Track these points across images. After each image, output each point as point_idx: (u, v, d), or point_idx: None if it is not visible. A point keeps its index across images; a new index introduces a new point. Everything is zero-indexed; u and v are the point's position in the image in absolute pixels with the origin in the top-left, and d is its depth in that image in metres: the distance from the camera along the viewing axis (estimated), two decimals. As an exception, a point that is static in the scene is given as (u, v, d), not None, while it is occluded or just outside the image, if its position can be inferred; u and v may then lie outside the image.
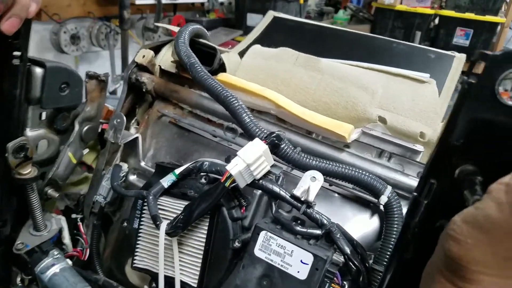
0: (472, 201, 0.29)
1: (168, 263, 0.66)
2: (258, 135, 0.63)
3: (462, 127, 0.33)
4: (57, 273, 0.64)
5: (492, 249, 0.27)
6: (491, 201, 0.27)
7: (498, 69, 0.31)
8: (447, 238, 0.29)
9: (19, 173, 0.67)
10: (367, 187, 0.63)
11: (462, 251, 0.28)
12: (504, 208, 0.26)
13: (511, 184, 0.26)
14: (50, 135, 0.73)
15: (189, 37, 0.80)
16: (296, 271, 0.57)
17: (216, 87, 0.68)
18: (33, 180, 0.69)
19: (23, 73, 0.61)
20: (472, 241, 0.27)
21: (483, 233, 0.27)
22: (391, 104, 0.74)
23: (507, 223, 0.26)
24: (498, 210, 0.26)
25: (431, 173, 0.36)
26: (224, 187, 0.60)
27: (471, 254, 0.27)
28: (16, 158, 0.64)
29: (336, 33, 1.08)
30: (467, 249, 0.27)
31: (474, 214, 0.28)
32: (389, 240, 0.59)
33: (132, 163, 0.84)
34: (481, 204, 0.27)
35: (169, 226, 0.63)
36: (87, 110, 0.76)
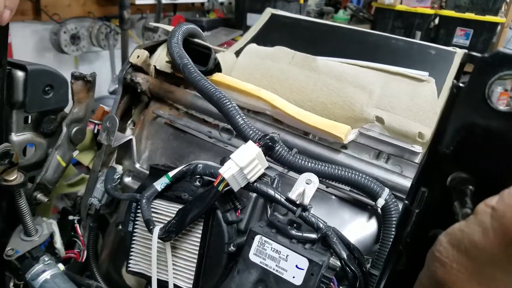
0: (461, 215, 0.28)
1: (162, 267, 0.65)
2: (251, 137, 0.62)
3: (451, 134, 0.31)
4: (48, 280, 0.63)
5: (477, 276, 0.26)
6: (477, 225, 0.26)
7: (489, 72, 0.28)
8: (433, 260, 0.28)
9: (4, 179, 0.65)
10: (364, 190, 0.61)
11: (448, 276, 0.27)
12: (489, 234, 0.25)
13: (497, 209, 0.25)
14: (37, 139, 0.72)
15: (182, 37, 0.79)
16: (291, 276, 0.55)
17: (209, 88, 0.67)
18: (19, 186, 0.68)
19: (3, 78, 0.60)
20: (457, 266, 0.27)
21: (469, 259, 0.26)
22: (388, 103, 0.72)
23: (491, 250, 0.25)
24: (483, 236, 0.25)
25: (422, 181, 0.34)
26: (217, 191, 0.59)
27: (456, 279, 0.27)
28: (0, 165, 0.63)
29: (334, 29, 1.07)
30: (452, 274, 0.27)
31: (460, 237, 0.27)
32: (386, 244, 0.58)
33: (127, 165, 0.83)
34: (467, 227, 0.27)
35: (162, 230, 0.62)
36: (74, 112, 0.75)
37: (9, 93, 0.63)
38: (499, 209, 0.25)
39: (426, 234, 0.34)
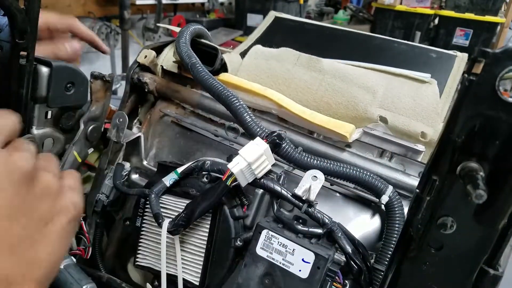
0: (475, 195, 0.29)
1: (170, 261, 0.67)
2: (259, 134, 0.64)
3: (462, 124, 0.34)
4: (61, 270, 0.64)
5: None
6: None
7: (498, 66, 0.31)
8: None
9: None
10: (368, 187, 0.63)
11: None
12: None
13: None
14: (56, 134, 0.73)
15: (190, 37, 0.80)
16: (297, 269, 0.57)
17: (217, 86, 0.69)
18: None
19: (30, 73, 0.61)
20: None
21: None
22: (392, 104, 0.74)
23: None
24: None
25: (433, 170, 0.36)
26: (225, 186, 0.61)
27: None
28: None
29: (338, 33, 1.09)
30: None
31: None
32: (390, 239, 0.60)
33: (134, 162, 0.85)
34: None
35: (171, 224, 0.63)
36: (92, 110, 0.77)
37: (33, 87, 0.65)
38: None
39: (436, 221, 0.36)
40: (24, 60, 0.59)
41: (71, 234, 0.51)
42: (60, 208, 0.49)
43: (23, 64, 0.59)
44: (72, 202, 0.50)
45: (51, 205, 0.48)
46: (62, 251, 0.49)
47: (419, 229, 0.38)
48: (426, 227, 0.37)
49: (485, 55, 0.31)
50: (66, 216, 0.49)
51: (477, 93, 0.32)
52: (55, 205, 0.48)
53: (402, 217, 0.60)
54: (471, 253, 0.37)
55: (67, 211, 0.49)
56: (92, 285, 0.65)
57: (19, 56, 0.59)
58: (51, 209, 0.48)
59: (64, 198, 0.50)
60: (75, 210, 0.50)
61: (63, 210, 0.49)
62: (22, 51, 0.59)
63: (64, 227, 0.48)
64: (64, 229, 0.48)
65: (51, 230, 0.47)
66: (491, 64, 0.31)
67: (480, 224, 0.36)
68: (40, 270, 0.45)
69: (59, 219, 0.48)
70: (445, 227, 0.36)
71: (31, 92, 0.64)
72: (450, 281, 0.39)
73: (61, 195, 0.50)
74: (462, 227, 0.36)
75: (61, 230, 0.48)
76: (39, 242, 0.45)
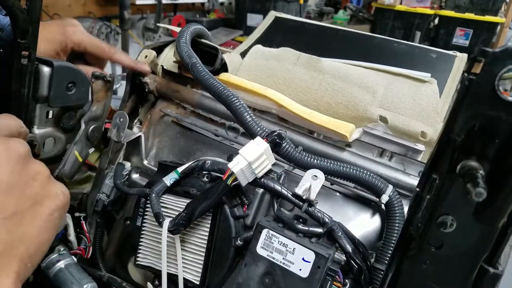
0: (475, 193, 0.30)
1: (171, 260, 0.67)
2: (259, 134, 0.64)
3: (462, 123, 0.34)
4: (62, 269, 0.64)
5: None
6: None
7: (498, 66, 0.31)
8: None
9: None
10: (368, 186, 0.63)
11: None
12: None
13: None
14: (57, 133, 0.73)
15: (190, 37, 0.80)
16: (298, 269, 0.57)
17: (217, 86, 0.69)
18: None
19: (31, 72, 0.61)
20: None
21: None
22: (392, 103, 0.74)
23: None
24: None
25: (433, 168, 0.36)
26: (226, 185, 0.61)
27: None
28: None
29: (338, 33, 1.09)
30: None
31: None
32: (390, 238, 0.60)
33: (135, 161, 0.85)
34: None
35: (171, 223, 0.63)
36: (93, 110, 0.77)
37: (34, 87, 0.65)
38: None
39: (436, 219, 0.36)
40: (25, 60, 0.59)
41: (58, 221, 0.53)
42: (50, 193, 0.52)
43: (24, 64, 0.60)
44: (62, 191, 0.54)
45: (41, 188, 0.51)
46: (48, 237, 0.51)
47: (419, 228, 0.38)
48: (426, 225, 0.38)
49: (485, 55, 0.31)
50: (54, 202, 0.52)
51: (477, 93, 0.33)
52: (45, 190, 0.51)
53: (402, 216, 0.61)
54: (471, 251, 0.37)
55: (56, 197, 0.52)
56: (93, 285, 0.65)
57: (20, 56, 0.59)
58: (41, 191, 0.51)
59: (54, 186, 0.53)
60: (64, 198, 0.53)
61: (52, 195, 0.52)
62: (24, 51, 0.59)
63: (52, 212, 0.51)
64: (52, 214, 0.51)
65: (40, 211, 0.50)
66: (490, 64, 0.32)
67: (480, 222, 0.36)
68: (25, 248, 0.47)
69: (48, 203, 0.51)
70: (445, 226, 0.36)
71: (32, 91, 0.64)
72: (450, 279, 0.40)
73: (51, 182, 0.53)
74: (462, 226, 0.36)
75: (49, 213, 0.51)
76: (28, 220, 0.48)
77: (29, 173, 0.50)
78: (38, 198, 0.50)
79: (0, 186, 0.46)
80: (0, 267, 0.44)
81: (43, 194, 0.51)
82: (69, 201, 0.55)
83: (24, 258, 0.47)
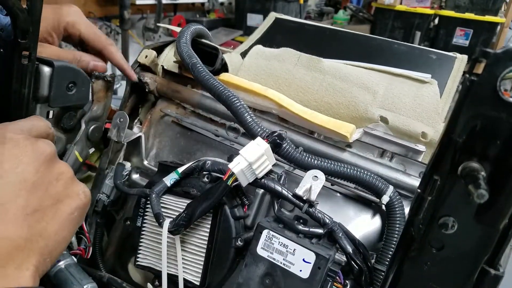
0: (476, 195, 0.29)
1: (171, 261, 0.67)
2: (260, 134, 0.64)
3: (464, 124, 0.34)
4: (62, 269, 0.64)
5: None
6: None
7: (499, 67, 0.31)
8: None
9: None
10: (369, 187, 0.63)
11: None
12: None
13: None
14: (57, 134, 0.74)
15: (191, 37, 0.80)
16: (298, 269, 0.57)
17: (217, 86, 0.69)
18: None
19: (31, 72, 0.61)
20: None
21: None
22: (392, 104, 0.74)
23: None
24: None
25: (434, 170, 0.36)
26: (226, 185, 0.61)
27: None
28: None
29: (338, 34, 1.09)
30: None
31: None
32: (391, 239, 0.60)
33: (135, 162, 0.85)
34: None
35: (171, 224, 0.63)
36: (93, 110, 0.77)
37: (35, 87, 0.65)
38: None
39: (437, 221, 0.36)
40: (26, 60, 0.59)
41: (78, 220, 0.55)
42: (72, 192, 0.54)
43: (25, 64, 0.60)
44: (83, 191, 0.55)
45: (64, 188, 0.53)
46: (67, 235, 0.53)
47: (420, 229, 0.38)
48: (427, 227, 0.38)
49: (486, 56, 0.31)
50: (75, 202, 0.53)
51: (478, 93, 0.33)
52: (68, 189, 0.53)
53: (403, 217, 0.61)
54: (472, 253, 0.37)
55: (78, 197, 0.54)
56: (93, 285, 0.65)
57: (21, 56, 0.59)
58: (64, 191, 0.53)
59: (76, 186, 0.55)
60: (85, 198, 0.55)
61: (74, 195, 0.54)
62: (24, 51, 0.59)
63: (72, 211, 0.53)
64: (72, 213, 0.53)
65: (61, 209, 0.52)
66: (492, 65, 0.32)
67: (481, 224, 0.36)
68: (44, 244, 0.49)
69: (69, 202, 0.53)
70: (446, 227, 0.36)
71: (32, 91, 0.64)
72: (451, 281, 0.39)
73: (74, 182, 0.55)
74: (463, 227, 0.36)
75: (70, 212, 0.52)
76: (50, 217, 0.50)
77: (53, 173, 0.52)
78: (60, 197, 0.52)
79: (25, 184, 0.48)
80: (20, 261, 0.45)
81: (65, 193, 0.53)
82: (89, 202, 0.56)
83: (43, 253, 0.48)
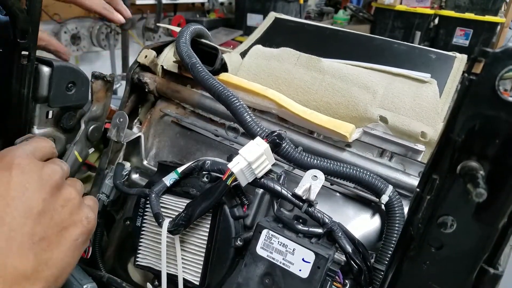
0: (475, 194, 0.29)
1: (170, 261, 0.67)
2: (259, 134, 0.64)
3: (463, 124, 0.34)
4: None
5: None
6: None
7: (498, 66, 0.31)
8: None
9: None
10: (368, 186, 0.63)
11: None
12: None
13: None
14: (57, 134, 0.74)
15: (190, 37, 0.80)
16: (298, 269, 0.57)
17: (217, 86, 0.69)
18: None
19: (31, 72, 0.62)
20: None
21: None
22: (392, 103, 0.74)
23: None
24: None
25: (433, 169, 0.36)
26: (225, 185, 0.61)
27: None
28: None
29: (337, 34, 1.09)
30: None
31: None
32: (390, 239, 0.60)
33: (134, 162, 0.85)
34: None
35: (171, 224, 0.63)
36: (93, 110, 0.77)
37: (34, 87, 0.65)
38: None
39: (436, 220, 0.36)
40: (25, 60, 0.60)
41: (82, 247, 0.56)
42: (77, 219, 0.54)
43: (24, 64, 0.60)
44: (87, 217, 0.56)
45: (69, 215, 0.53)
46: (72, 261, 0.54)
47: (419, 228, 0.38)
48: (426, 226, 0.38)
49: (485, 55, 0.31)
50: (80, 228, 0.54)
51: (477, 93, 0.33)
52: (73, 216, 0.54)
53: (402, 216, 0.61)
54: (471, 252, 0.37)
55: (82, 224, 0.55)
56: (92, 285, 0.65)
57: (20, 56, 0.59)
58: (69, 218, 0.53)
59: (81, 212, 0.55)
60: (88, 224, 0.56)
61: (78, 222, 0.54)
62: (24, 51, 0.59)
63: (77, 238, 0.54)
64: (77, 240, 0.54)
65: (66, 237, 0.52)
66: (491, 64, 0.32)
67: (480, 223, 0.36)
68: (50, 272, 0.49)
69: (74, 229, 0.54)
70: (445, 226, 0.36)
71: (32, 91, 0.64)
72: (450, 280, 0.39)
73: (79, 209, 0.55)
74: (462, 226, 0.36)
75: (75, 239, 0.53)
76: (55, 245, 0.51)
77: (60, 200, 0.53)
78: (65, 224, 0.52)
79: (31, 213, 0.48)
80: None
81: (71, 220, 0.53)
82: (94, 227, 0.57)
83: (49, 280, 0.49)
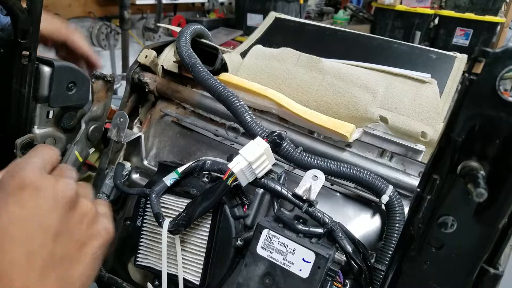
0: (476, 194, 0.30)
1: (171, 260, 0.67)
2: (259, 134, 0.64)
3: (463, 124, 0.34)
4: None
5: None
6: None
7: (499, 66, 0.31)
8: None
9: None
10: (368, 186, 0.63)
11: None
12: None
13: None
14: (57, 133, 0.74)
15: (190, 37, 0.80)
16: (298, 269, 0.57)
17: (217, 86, 0.69)
18: None
19: (32, 72, 0.62)
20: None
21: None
22: (392, 104, 0.74)
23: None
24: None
25: (434, 169, 0.36)
26: (226, 185, 0.61)
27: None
28: (24, 154, 0.65)
29: (338, 33, 1.09)
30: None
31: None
32: (390, 239, 0.60)
33: (135, 161, 0.85)
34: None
35: (171, 224, 0.63)
36: (93, 110, 0.77)
37: (35, 87, 0.65)
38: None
39: (436, 220, 0.36)
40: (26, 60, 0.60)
41: (101, 257, 0.55)
42: (95, 232, 0.54)
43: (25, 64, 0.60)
44: (105, 228, 0.55)
45: (87, 229, 0.52)
46: (92, 274, 0.53)
47: (419, 228, 0.38)
48: (427, 226, 0.38)
49: (486, 55, 0.32)
50: (98, 241, 0.53)
51: (478, 93, 0.33)
52: (91, 230, 0.53)
53: (403, 216, 0.61)
54: (472, 252, 0.37)
55: (100, 236, 0.54)
56: (93, 285, 0.65)
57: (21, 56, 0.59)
58: (87, 233, 0.52)
59: (98, 224, 0.55)
60: (107, 235, 0.55)
61: (96, 234, 0.54)
62: (24, 51, 0.59)
63: (96, 250, 0.53)
64: (96, 253, 0.53)
65: (85, 252, 0.52)
66: (491, 64, 0.32)
67: (481, 223, 0.36)
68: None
69: (92, 243, 0.53)
70: (446, 226, 0.36)
71: (33, 91, 0.64)
72: (451, 280, 0.40)
73: (96, 220, 0.54)
74: (462, 226, 0.36)
75: (94, 253, 0.53)
76: (75, 262, 0.50)
77: (76, 215, 0.52)
78: (84, 240, 0.52)
79: (49, 233, 0.47)
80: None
81: (89, 234, 0.53)
82: (111, 237, 0.57)
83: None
